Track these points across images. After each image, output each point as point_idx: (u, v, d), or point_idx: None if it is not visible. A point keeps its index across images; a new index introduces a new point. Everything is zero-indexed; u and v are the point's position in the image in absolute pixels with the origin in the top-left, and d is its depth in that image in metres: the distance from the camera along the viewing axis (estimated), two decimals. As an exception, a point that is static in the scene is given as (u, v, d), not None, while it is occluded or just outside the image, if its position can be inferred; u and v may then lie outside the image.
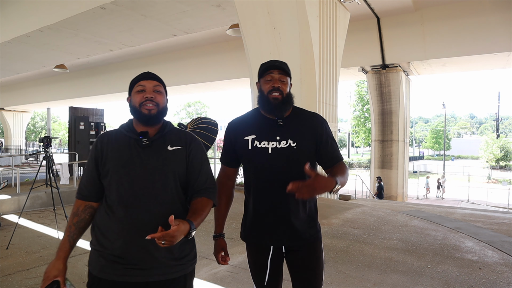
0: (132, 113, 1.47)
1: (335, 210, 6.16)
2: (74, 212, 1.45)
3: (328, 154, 1.63)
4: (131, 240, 1.35)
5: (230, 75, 15.43)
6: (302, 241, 1.60)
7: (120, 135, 1.47)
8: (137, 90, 1.46)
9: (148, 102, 1.42)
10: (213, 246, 1.75)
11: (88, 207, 1.45)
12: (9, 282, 3.12)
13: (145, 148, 1.42)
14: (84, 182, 1.47)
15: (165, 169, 1.42)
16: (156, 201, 1.38)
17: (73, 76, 19.42)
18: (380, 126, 14.01)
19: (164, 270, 1.38)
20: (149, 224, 1.34)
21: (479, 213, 6.73)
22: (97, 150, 1.45)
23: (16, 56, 13.00)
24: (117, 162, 1.41)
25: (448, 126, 62.78)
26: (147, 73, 1.50)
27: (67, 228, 1.43)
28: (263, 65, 1.64)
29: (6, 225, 5.06)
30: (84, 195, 1.46)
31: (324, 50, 7.29)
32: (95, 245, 1.41)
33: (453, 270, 3.45)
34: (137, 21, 9.38)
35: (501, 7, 10.03)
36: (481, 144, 38.37)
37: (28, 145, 40.25)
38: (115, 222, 1.37)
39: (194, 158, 1.49)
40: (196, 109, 50.22)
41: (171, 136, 1.49)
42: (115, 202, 1.38)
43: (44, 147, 4.65)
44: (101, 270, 1.37)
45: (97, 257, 1.39)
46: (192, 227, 1.29)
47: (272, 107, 1.58)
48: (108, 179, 1.41)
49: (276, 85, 1.58)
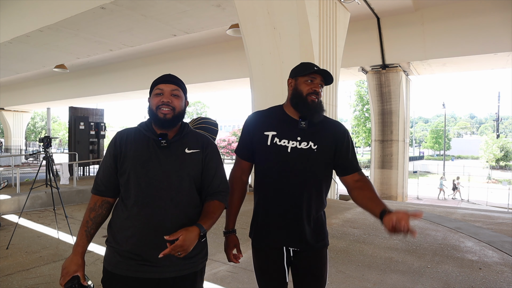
0: (149, 115, 1.49)
1: (335, 210, 6.16)
2: (91, 207, 1.47)
3: (346, 162, 1.62)
4: (146, 239, 1.39)
5: (230, 75, 15.42)
6: (310, 245, 1.59)
7: (139, 134, 1.49)
8: (155, 93, 1.47)
9: (164, 106, 1.43)
10: (213, 246, 1.74)
11: (105, 202, 1.48)
12: (9, 282, 3.12)
13: (163, 150, 1.45)
14: (101, 177, 1.48)
15: (181, 172, 1.45)
16: (172, 203, 1.41)
17: (73, 76, 19.41)
18: (380, 126, 14.00)
19: (175, 267, 1.42)
20: (163, 225, 1.39)
21: (479, 213, 6.73)
22: (116, 147, 1.47)
23: (16, 56, 13.00)
24: (136, 161, 1.43)
25: (448, 126, 62.77)
26: (167, 76, 1.50)
27: (83, 223, 1.45)
28: (306, 64, 1.62)
29: (6, 225, 5.06)
30: (101, 190, 1.48)
31: (324, 50, 7.28)
32: (110, 242, 1.45)
33: (453, 270, 3.45)
34: (137, 21, 9.38)
35: (501, 7, 10.03)
36: (481, 144, 38.37)
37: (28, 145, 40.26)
38: (130, 220, 1.41)
39: (210, 161, 1.52)
40: (196, 109, 50.20)
41: (189, 138, 1.52)
42: (131, 200, 1.41)
43: (44, 147, 4.65)
44: (115, 266, 1.41)
45: (112, 253, 1.43)
46: (202, 230, 1.36)
47: (310, 107, 1.57)
48: (125, 177, 1.43)
49: (317, 89, 1.58)
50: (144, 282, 1.39)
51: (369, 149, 31.54)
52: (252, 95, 7.47)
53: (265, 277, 1.63)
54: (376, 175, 14.14)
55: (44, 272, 3.37)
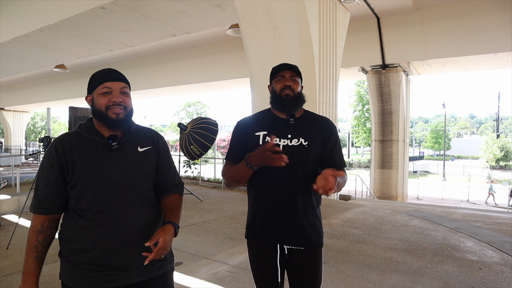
0: (97, 116, 1.37)
1: (335, 210, 6.16)
2: (37, 230, 1.31)
3: (332, 159, 1.63)
4: (110, 247, 1.31)
5: (230, 75, 15.43)
6: (305, 243, 1.59)
7: (82, 139, 1.36)
8: (102, 92, 1.35)
9: (116, 106, 1.34)
10: (213, 246, 1.75)
11: (52, 220, 1.35)
12: (9, 282, 3.12)
13: (116, 152, 1.35)
14: (45, 194, 1.32)
15: (139, 171, 1.39)
16: (135, 205, 1.36)
17: (73, 76, 19.41)
18: (380, 126, 14.01)
19: (144, 270, 1.36)
20: (128, 229, 1.32)
21: (479, 213, 6.73)
22: (59, 157, 1.31)
23: (16, 56, 12.99)
24: (88, 170, 1.31)
25: (448, 126, 62.76)
26: (113, 72, 1.39)
27: (30, 249, 1.30)
28: (274, 67, 1.69)
29: (6, 225, 5.06)
30: (47, 208, 1.32)
31: (324, 50, 7.28)
32: (67, 256, 1.33)
33: (453, 270, 3.45)
34: (137, 21, 9.38)
35: (501, 7, 10.03)
36: (481, 144, 38.37)
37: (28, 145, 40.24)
38: (89, 231, 1.30)
39: (163, 156, 1.49)
40: (196, 109, 50.19)
41: (138, 136, 1.45)
42: (90, 210, 1.31)
43: (44, 147, 4.66)
44: (78, 281, 1.31)
45: (72, 268, 1.32)
46: (175, 226, 1.35)
47: (285, 102, 1.61)
48: (78, 188, 1.31)
49: (287, 83, 1.62)
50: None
51: (369, 149, 31.55)
52: (252, 95, 7.46)
53: (260, 276, 1.66)
54: (376, 175, 14.14)
55: (44, 272, 3.36)
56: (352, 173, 24.80)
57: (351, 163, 37.86)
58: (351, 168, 35.26)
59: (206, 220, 5.43)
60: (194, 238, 4.36)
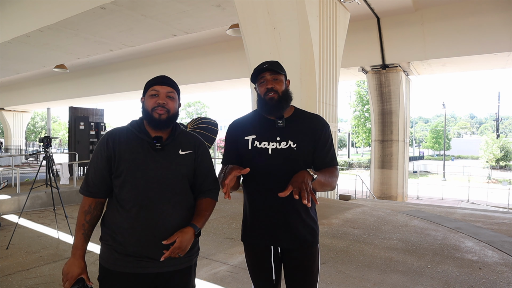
0: (144, 115, 1.50)
1: (335, 210, 6.16)
2: (85, 210, 1.47)
3: (322, 158, 1.62)
4: (145, 239, 1.41)
5: (230, 75, 15.43)
6: (299, 243, 1.60)
7: (131, 135, 1.49)
8: (150, 94, 1.48)
9: (159, 107, 1.45)
10: (213, 246, 1.77)
11: (98, 203, 1.49)
12: (9, 282, 3.12)
13: (158, 152, 1.47)
14: (93, 179, 1.47)
15: (178, 173, 1.49)
16: (169, 204, 1.45)
17: (73, 76, 19.41)
18: (380, 126, 14.01)
19: (173, 261, 1.45)
20: (162, 226, 1.42)
21: (479, 213, 6.73)
22: (108, 148, 1.46)
23: (16, 56, 12.99)
24: (132, 164, 1.44)
25: (448, 126, 62.78)
26: (163, 78, 1.51)
27: (79, 226, 1.46)
28: (254, 70, 1.65)
29: (6, 225, 5.06)
30: (94, 192, 1.47)
31: (324, 50, 7.28)
32: (107, 240, 1.46)
33: (453, 270, 3.45)
34: (137, 21, 9.38)
35: (501, 7, 10.03)
36: (481, 144, 38.35)
37: (28, 145, 40.25)
38: (128, 221, 1.42)
39: (202, 161, 1.57)
40: (196, 109, 50.20)
41: (181, 140, 1.55)
42: (129, 202, 1.43)
43: (44, 147, 4.65)
44: (114, 263, 1.43)
45: (110, 251, 1.44)
46: (196, 229, 1.45)
47: (270, 107, 1.60)
48: (121, 179, 1.44)
49: (269, 86, 1.60)
50: (142, 277, 1.42)
51: (369, 149, 31.56)
52: (252, 95, 7.46)
53: (256, 275, 1.68)
54: (376, 175, 14.15)
55: (44, 272, 3.37)
56: (352, 173, 24.81)
57: (351, 163, 37.85)
58: (351, 168, 35.26)
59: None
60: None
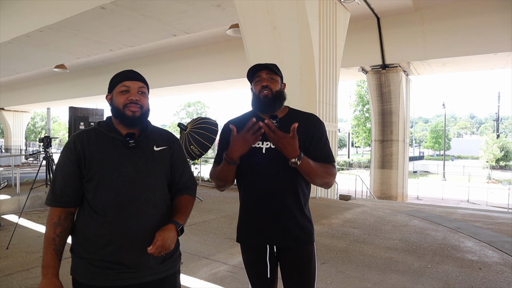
0: (114, 113, 1.41)
1: (335, 210, 6.16)
2: (55, 222, 1.33)
3: (318, 155, 1.62)
4: (125, 245, 1.32)
5: (230, 75, 15.43)
6: (294, 242, 1.60)
7: (100, 135, 1.40)
8: (120, 90, 1.39)
9: (133, 104, 1.38)
10: (213, 246, 1.76)
11: (69, 214, 1.37)
12: (9, 282, 3.12)
13: (132, 150, 1.39)
14: (61, 187, 1.35)
15: (154, 170, 1.42)
16: (149, 204, 1.38)
17: (73, 76, 19.41)
18: (380, 126, 14.01)
19: (155, 270, 1.38)
20: (143, 228, 1.34)
21: (479, 213, 6.73)
22: (77, 151, 1.35)
23: (16, 56, 13.00)
24: (105, 164, 1.34)
25: (448, 126, 62.78)
26: (132, 73, 1.43)
27: (49, 242, 1.32)
28: (251, 69, 1.66)
29: (6, 225, 5.06)
30: (63, 201, 1.35)
31: (324, 50, 7.29)
32: (80, 252, 1.34)
33: (453, 270, 3.45)
34: (137, 21, 9.38)
35: (501, 7, 10.03)
36: (481, 144, 38.34)
37: (28, 145, 40.23)
38: (104, 227, 1.32)
39: (178, 157, 1.52)
40: (196, 109, 50.18)
41: (154, 136, 1.49)
42: (105, 206, 1.33)
43: (44, 147, 4.66)
44: (91, 278, 1.32)
45: (85, 265, 1.33)
46: (178, 226, 1.37)
47: (263, 104, 1.62)
48: (94, 182, 1.34)
49: (264, 84, 1.62)
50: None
51: (369, 149, 31.56)
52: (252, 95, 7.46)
53: (252, 273, 1.69)
54: (376, 175, 14.15)
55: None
56: (352, 173, 24.80)
57: (351, 163, 37.84)
58: (351, 168, 35.25)
59: (206, 220, 5.43)
60: (194, 238, 4.36)
